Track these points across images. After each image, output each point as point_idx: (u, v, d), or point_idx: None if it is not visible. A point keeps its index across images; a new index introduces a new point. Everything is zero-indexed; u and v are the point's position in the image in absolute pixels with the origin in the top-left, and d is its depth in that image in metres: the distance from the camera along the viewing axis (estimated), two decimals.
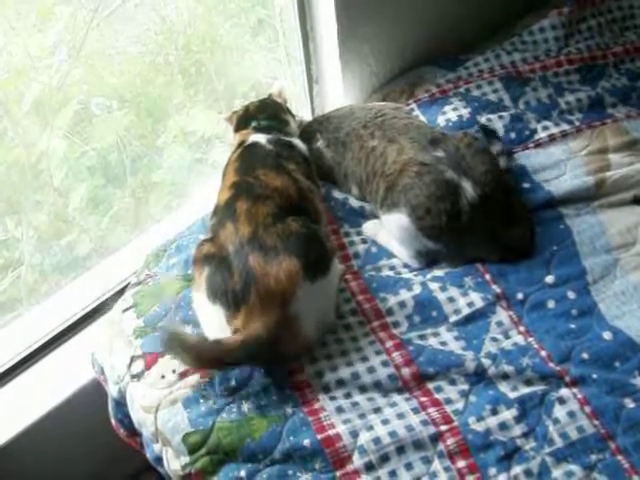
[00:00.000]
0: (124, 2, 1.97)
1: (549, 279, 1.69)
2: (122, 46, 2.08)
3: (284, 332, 1.51)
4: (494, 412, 1.49)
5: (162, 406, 1.56)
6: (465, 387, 1.53)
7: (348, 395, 1.53)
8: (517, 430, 1.47)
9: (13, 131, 1.91)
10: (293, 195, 1.69)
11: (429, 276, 1.72)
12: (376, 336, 1.63)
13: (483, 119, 1.98)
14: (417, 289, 1.69)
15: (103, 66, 2.05)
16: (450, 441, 1.45)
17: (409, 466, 1.43)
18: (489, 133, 1.94)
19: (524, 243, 1.75)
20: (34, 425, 1.85)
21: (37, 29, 1.89)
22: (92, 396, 1.85)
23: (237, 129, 1.92)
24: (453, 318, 1.65)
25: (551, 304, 1.66)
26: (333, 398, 1.52)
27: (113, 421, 1.76)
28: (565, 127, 1.98)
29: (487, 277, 1.71)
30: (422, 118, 2.01)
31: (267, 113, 1.92)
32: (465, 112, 2.00)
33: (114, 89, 2.08)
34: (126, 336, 1.71)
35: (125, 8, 2.01)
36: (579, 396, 1.50)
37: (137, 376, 1.63)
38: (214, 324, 1.57)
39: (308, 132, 1.98)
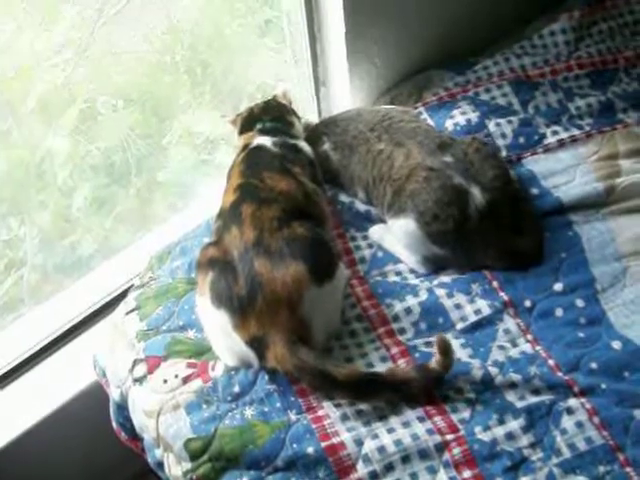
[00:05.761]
0: (130, 1, 1.95)
1: (557, 287, 1.67)
2: (128, 45, 2.06)
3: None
4: (501, 422, 1.46)
5: (164, 411, 1.54)
6: (472, 396, 1.51)
7: (353, 402, 1.51)
8: (524, 440, 1.44)
9: (17, 130, 1.89)
10: (299, 198, 1.67)
11: (436, 282, 1.70)
12: (382, 342, 1.61)
13: (492, 123, 1.96)
14: (423, 295, 1.66)
15: (109, 65, 2.04)
16: (456, 450, 1.43)
17: (414, 476, 1.40)
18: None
19: (533, 251, 1.72)
20: (35, 427, 1.84)
21: (43, 28, 1.88)
22: (93, 399, 1.84)
23: (241, 131, 1.90)
24: (460, 325, 1.62)
25: (559, 312, 1.63)
26: (338, 405, 1.50)
27: (114, 425, 1.74)
28: (575, 132, 1.95)
29: (494, 284, 1.68)
30: (430, 122, 1.99)
31: (272, 115, 1.89)
32: (474, 116, 1.97)
33: (120, 88, 2.07)
34: (129, 339, 1.70)
35: (131, 7, 1.99)
36: (587, 406, 1.48)
37: (139, 380, 1.62)
38: (218, 329, 1.56)
39: (314, 135, 1.96)
